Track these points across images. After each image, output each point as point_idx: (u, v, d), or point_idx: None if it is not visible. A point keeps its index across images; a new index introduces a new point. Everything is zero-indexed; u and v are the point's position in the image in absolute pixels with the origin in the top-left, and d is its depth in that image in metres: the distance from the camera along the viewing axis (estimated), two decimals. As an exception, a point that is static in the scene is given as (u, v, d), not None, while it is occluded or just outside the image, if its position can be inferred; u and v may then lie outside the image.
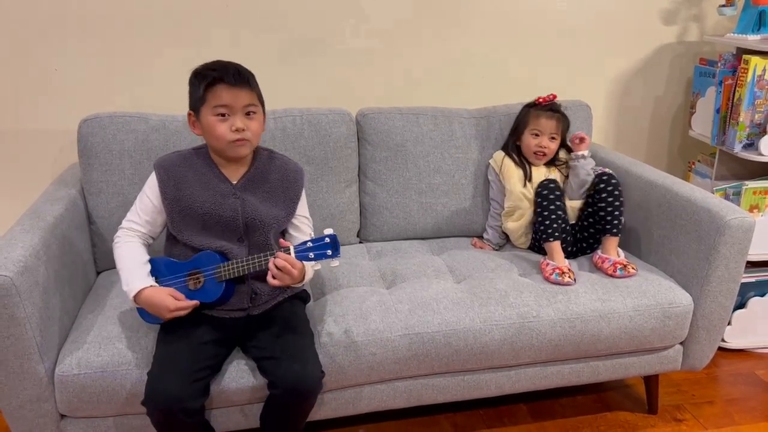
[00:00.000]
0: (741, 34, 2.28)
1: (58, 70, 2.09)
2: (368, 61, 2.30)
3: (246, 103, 1.50)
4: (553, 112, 2.07)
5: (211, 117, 1.49)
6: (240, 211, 1.55)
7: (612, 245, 1.94)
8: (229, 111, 1.49)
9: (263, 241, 1.57)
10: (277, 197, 1.61)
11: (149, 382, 1.44)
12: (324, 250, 1.42)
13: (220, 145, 1.52)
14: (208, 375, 1.51)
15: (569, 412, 2.02)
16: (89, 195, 1.92)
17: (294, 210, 1.64)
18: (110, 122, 1.92)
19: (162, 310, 1.48)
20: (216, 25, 2.15)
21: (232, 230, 1.56)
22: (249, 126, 1.51)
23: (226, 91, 1.47)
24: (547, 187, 1.97)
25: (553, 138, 2.07)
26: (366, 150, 2.13)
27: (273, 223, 1.58)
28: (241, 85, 1.48)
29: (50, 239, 1.61)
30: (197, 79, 1.51)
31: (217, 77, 1.48)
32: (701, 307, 1.82)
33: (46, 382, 1.50)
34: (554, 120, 2.07)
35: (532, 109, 2.10)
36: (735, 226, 1.74)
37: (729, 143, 2.23)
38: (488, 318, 1.71)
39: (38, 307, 1.47)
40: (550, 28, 2.41)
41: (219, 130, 1.49)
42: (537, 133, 2.06)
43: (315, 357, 1.55)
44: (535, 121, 2.07)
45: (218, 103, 1.48)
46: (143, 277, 1.52)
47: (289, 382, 1.47)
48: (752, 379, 2.21)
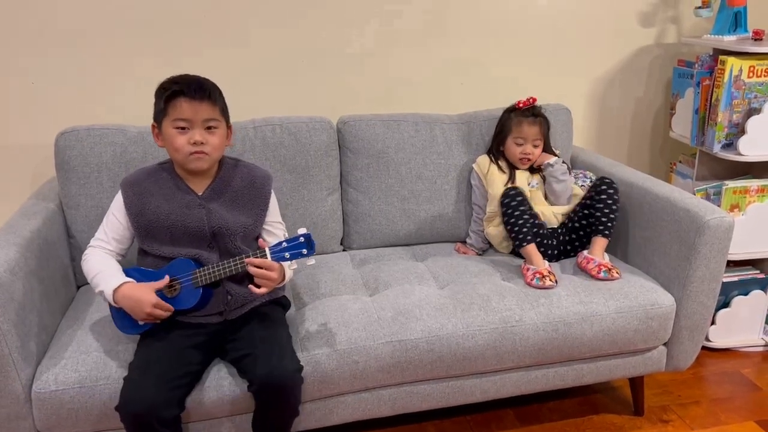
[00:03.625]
0: (717, 35, 2.29)
1: (35, 83, 2.07)
2: (349, 68, 2.29)
3: (206, 117, 1.52)
4: (534, 117, 2.06)
5: (171, 129, 1.51)
6: (206, 220, 1.56)
7: (600, 246, 1.93)
8: (189, 125, 1.51)
9: (233, 247, 1.58)
10: (244, 205, 1.61)
11: (125, 387, 1.43)
12: (299, 249, 1.43)
13: (179, 157, 1.54)
14: (186, 383, 1.50)
15: (556, 416, 2.02)
16: (67, 209, 1.91)
17: (263, 216, 1.65)
18: (87, 135, 1.90)
19: (144, 305, 1.47)
20: (192, 36, 2.14)
21: (200, 239, 1.57)
22: (208, 140, 1.53)
23: (186, 104, 1.49)
24: (507, 195, 1.97)
25: (536, 144, 2.07)
26: (347, 157, 2.13)
27: (240, 231, 1.59)
28: (201, 99, 1.50)
29: (27, 254, 1.59)
30: (160, 92, 1.53)
31: (178, 90, 1.50)
32: (684, 308, 1.82)
33: (24, 399, 1.47)
34: (536, 126, 2.06)
35: (513, 114, 2.09)
36: (714, 226, 1.74)
37: (708, 143, 2.25)
38: (471, 323, 1.70)
39: (14, 323, 1.45)
40: (530, 32, 2.42)
41: (178, 142, 1.51)
42: (521, 142, 2.05)
43: (292, 351, 1.55)
44: (517, 128, 2.06)
45: (178, 116, 1.50)
46: (119, 275, 1.53)
47: (265, 374, 1.46)
48: (738, 378, 2.21)
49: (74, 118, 2.02)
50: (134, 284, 1.51)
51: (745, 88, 2.16)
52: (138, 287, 1.50)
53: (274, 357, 1.50)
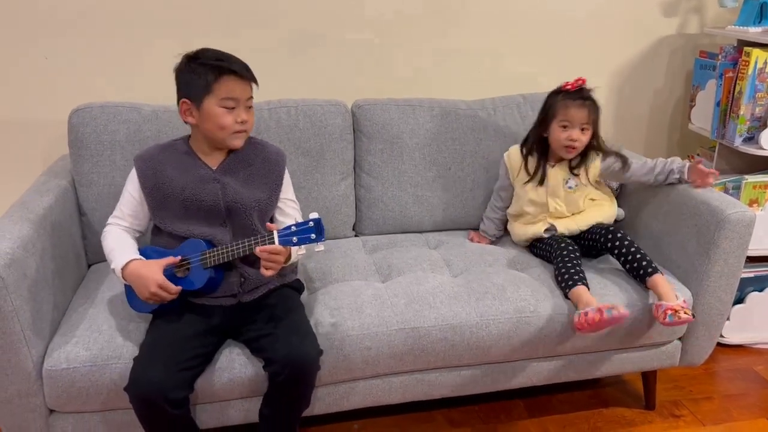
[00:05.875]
0: (742, 26, 2.25)
1: (49, 58, 2.05)
2: (365, 52, 2.26)
3: (248, 96, 1.53)
4: (583, 100, 1.86)
5: (217, 108, 1.49)
6: (221, 195, 1.55)
7: (661, 285, 1.71)
8: (236, 104, 1.50)
9: (247, 225, 1.57)
10: (258, 180, 1.60)
11: (134, 368, 1.43)
12: (308, 234, 1.40)
13: (221, 136, 1.52)
14: (197, 365, 1.49)
15: (566, 408, 2.00)
16: (80, 186, 1.89)
17: (278, 192, 1.63)
18: (101, 112, 1.88)
19: (149, 283, 1.44)
20: (210, 15, 2.11)
21: (214, 215, 1.55)
22: (249, 119, 1.54)
23: (235, 82, 1.49)
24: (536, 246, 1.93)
25: (584, 129, 1.87)
26: (361, 142, 2.10)
27: (255, 206, 1.58)
28: (248, 78, 1.52)
29: (39, 231, 1.58)
30: (201, 68, 1.49)
31: (228, 69, 1.48)
32: (700, 303, 1.80)
33: (35, 377, 1.47)
34: (585, 109, 1.85)
35: (560, 97, 1.89)
36: (735, 221, 1.71)
37: (729, 137, 2.21)
38: (485, 313, 1.68)
39: (26, 300, 1.44)
40: (550, 21, 2.38)
41: (225, 120, 1.50)
42: (566, 125, 1.87)
43: (313, 335, 1.54)
44: (563, 111, 1.86)
45: (228, 95, 1.49)
46: (130, 252, 1.52)
47: (286, 354, 1.45)
48: (750, 374, 2.19)
49: (88, 95, 2.00)
50: (143, 261, 1.50)
51: (768, 81, 2.12)
52: (146, 264, 1.48)
53: (295, 337, 1.49)
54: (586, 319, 1.61)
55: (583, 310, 1.63)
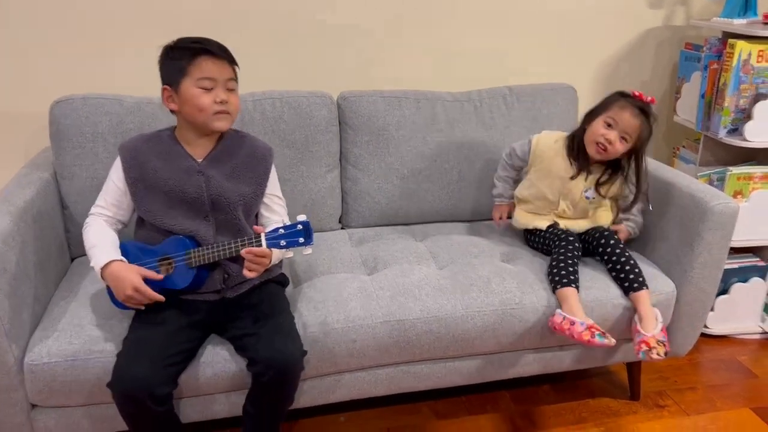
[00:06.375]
0: (727, 18, 2.25)
1: (29, 51, 2.02)
2: (350, 43, 2.25)
3: (228, 77, 1.50)
4: (640, 111, 1.79)
5: (194, 89, 1.47)
6: (204, 188, 1.53)
7: (642, 303, 1.71)
8: (213, 84, 1.48)
9: (231, 220, 1.55)
10: (244, 174, 1.58)
11: (117, 364, 1.41)
12: (296, 238, 1.39)
13: (202, 118, 1.49)
14: (181, 360, 1.48)
15: (552, 399, 2.01)
16: (62, 179, 1.87)
17: (263, 188, 1.61)
18: (83, 104, 1.86)
19: (126, 285, 1.42)
20: (193, 5, 2.08)
21: (197, 208, 1.53)
22: (230, 99, 1.50)
23: (211, 62, 1.47)
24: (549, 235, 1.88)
25: (624, 138, 1.79)
26: (347, 134, 2.09)
27: (239, 201, 1.56)
28: (224, 58, 1.49)
29: (20, 224, 1.56)
30: (177, 52, 1.48)
31: (201, 49, 1.46)
32: (684, 294, 1.81)
33: (16, 371, 1.45)
34: (637, 120, 1.77)
35: (621, 97, 1.82)
36: (719, 212, 1.72)
37: (713, 128, 2.22)
38: (470, 305, 1.68)
39: (6, 293, 1.42)
40: (536, 12, 2.37)
41: (203, 101, 1.47)
42: (610, 123, 1.79)
43: (297, 335, 1.53)
44: (616, 109, 1.79)
45: (203, 75, 1.46)
46: (111, 252, 1.49)
47: (269, 356, 1.44)
48: (734, 365, 2.21)
49: (69, 86, 1.97)
50: (123, 264, 1.47)
51: (753, 73, 2.12)
52: (126, 268, 1.46)
53: (278, 338, 1.47)
54: (570, 329, 1.62)
55: (570, 317, 1.64)
